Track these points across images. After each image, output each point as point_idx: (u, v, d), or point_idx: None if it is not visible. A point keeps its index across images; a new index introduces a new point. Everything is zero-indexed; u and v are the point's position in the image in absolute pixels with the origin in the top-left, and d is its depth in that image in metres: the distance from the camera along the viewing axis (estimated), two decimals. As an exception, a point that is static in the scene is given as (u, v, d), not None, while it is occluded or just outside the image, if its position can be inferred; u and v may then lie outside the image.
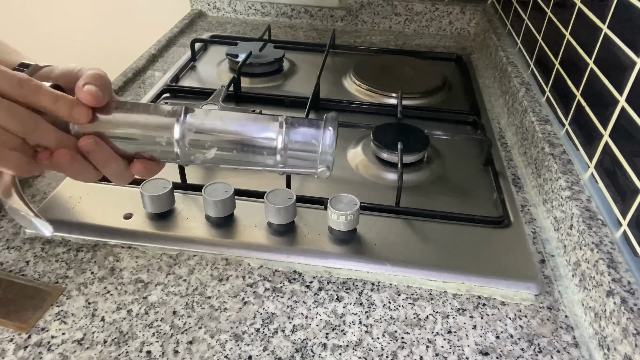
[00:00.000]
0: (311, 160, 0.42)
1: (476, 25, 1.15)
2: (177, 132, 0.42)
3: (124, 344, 0.44)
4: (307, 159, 0.42)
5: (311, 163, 0.43)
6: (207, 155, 0.43)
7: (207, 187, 0.55)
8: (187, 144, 0.42)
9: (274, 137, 0.42)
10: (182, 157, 0.43)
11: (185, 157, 0.43)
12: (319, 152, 0.42)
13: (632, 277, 0.45)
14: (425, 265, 0.52)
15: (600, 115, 0.56)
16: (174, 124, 0.42)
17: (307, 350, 0.44)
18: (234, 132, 0.43)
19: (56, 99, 0.37)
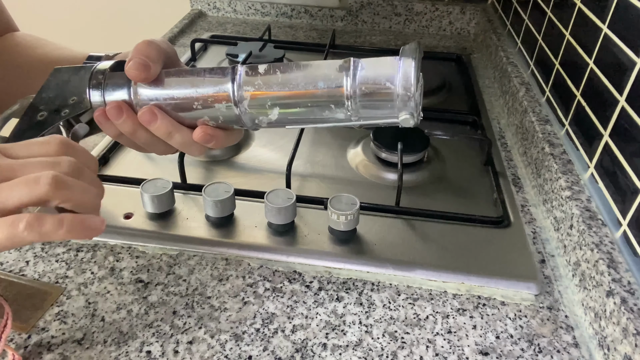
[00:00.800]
0: (388, 107, 0.36)
1: (476, 25, 1.15)
2: (233, 92, 0.38)
3: (124, 344, 0.44)
4: (383, 106, 0.36)
5: (389, 111, 0.36)
6: (271, 116, 0.39)
7: (207, 187, 0.55)
8: (247, 106, 0.39)
9: (339, 85, 0.36)
10: (246, 121, 0.40)
11: (250, 121, 0.40)
12: (396, 95, 0.35)
13: (632, 277, 0.45)
14: (425, 265, 0.52)
15: (600, 115, 0.56)
16: (228, 83, 0.38)
17: (307, 350, 0.44)
18: (293, 85, 0.37)
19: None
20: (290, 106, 0.38)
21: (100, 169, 0.65)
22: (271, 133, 0.74)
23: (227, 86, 0.39)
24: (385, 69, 0.35)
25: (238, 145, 0.71)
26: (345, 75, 0.35)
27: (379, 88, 0.35)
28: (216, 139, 0.42)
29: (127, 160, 0.67)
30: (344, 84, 0.35)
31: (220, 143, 0.42)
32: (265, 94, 0.38)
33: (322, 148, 0.71)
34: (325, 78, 0.36)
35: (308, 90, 0.37)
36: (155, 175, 0.57)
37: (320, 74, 0.37)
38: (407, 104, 0.35)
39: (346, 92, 0.35)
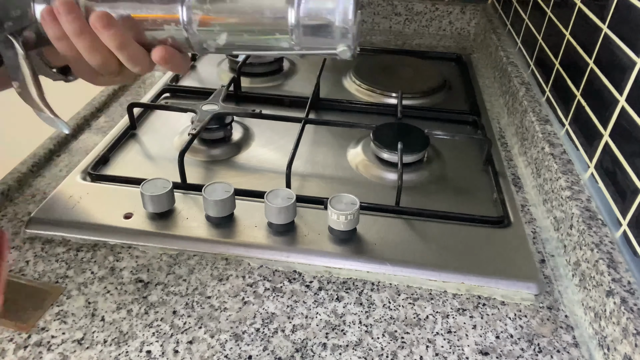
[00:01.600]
0: (328, 38, 0.39)
1: (476, 25, 1.15)
2: (182, 14, 0.40)
3: (124, 343, 0.44)
4: (324, 37, 0.39)
5: (329, 41, 0.39)
6: (219, 40, 0.41)
7: (207, 187, 0.55)
8: (196, 30, 0.41)
9: (284, 15, 0.39)
10: (194, 44, 0.42)
11: (198, 44, 0.42)
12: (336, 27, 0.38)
13: (632, 277, 0.45)
14: (425, 265, 0.52)
15: (600, 115, 0.56)
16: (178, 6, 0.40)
17: (307, 350, 0.44)
18: (241, 12, 0.40)
19: None
20: (237, 32, 0.40)
21: (100, 169, 0.65)
22: (271, 133, 0.74)
23: (176, 8, 0.40)
24: (326, 3, 0.38)
25: (238, 145, 0.71)
26: (290, 7, 0.38)
27: (321, 20, 0.39)
28: (174, 61, 0.42)
29: (127, 160, 0.67)
30: (289, 15, 0.38)
31: (175, 66, 0.43)
32: (214, 19, 0.40)
33: (322, 148, 0.71)
34: (271, 8, 0.39)
35: (255, 18, 0.39)
36: (155, 175, 0.57)
37: (267, 3, 0.39)
38: (345, 35, 0.39)
39: (290, 22, 0.39)
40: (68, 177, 0.63)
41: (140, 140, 0.71)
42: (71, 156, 0.68)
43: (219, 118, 0.69)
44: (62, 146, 0.70)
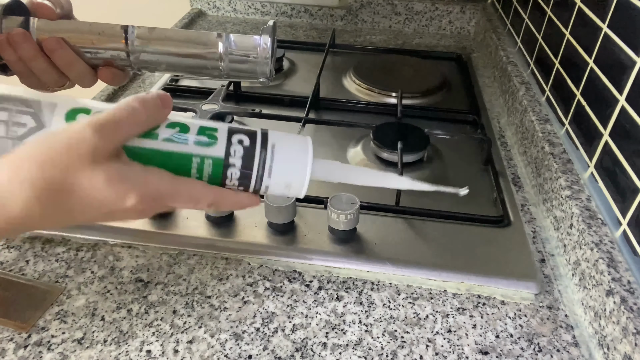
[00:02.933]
0: (251, 70, 0.48)
1: (476, 25, 1.15)
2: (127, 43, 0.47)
3: (124, 343, 0.44)
4: (247, 70, 0.48)
5: (251, 74, 0.48)
6: (158, 67, 0.49)
7: (207, 186, 0.55)
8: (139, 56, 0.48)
9: (215, 46, 0.47)
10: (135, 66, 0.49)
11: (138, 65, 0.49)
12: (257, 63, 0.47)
13: (631, 277, 0.45)
14: (425, 265, 0.52)
15: (600, 115, 0.56)
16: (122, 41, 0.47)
17: (307, 349, 0.44)
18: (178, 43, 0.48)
19: None
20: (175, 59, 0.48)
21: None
22: (271, 132, 0.74)
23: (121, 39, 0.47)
24: (249, 40, 0.47)
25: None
26: (220, 40, 0.46)
27: (245, 56, 0.47)
28: (117, 79, 0.50)
29: (127, 160, 0.67)
30: (219, 46, 0.47)
31: (117, 82, 0.50)
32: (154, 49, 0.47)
33: (322, 147, 0.71)
34: (205, 40, 0.47)
35: (190, 48, 0.47)
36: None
37: (201, 36, 0.47)
38: (264, 69, 0.47)
39: (220, 51, 0.47)
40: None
41: (140, 140, 0.71)
42: (71, 156, 0.68)
43: (218, 117, 0.69)
44: (62, 146, 0.69)
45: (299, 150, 0.38)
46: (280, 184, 0.37)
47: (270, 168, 0.37)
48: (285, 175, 0.37)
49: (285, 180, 0.37)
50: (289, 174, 0.37)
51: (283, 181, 0.37)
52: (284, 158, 0.37)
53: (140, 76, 0.89)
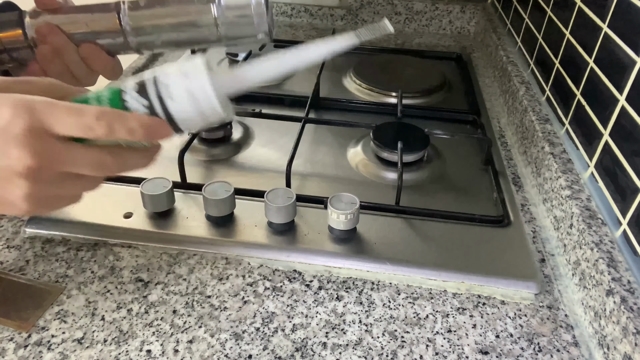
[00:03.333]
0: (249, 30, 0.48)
1: (476, 25, 1.15)
2: (120, 23, 0.48)
3: (124, 343, 0.44)
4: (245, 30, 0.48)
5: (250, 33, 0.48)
6: (156, 42, 0.49)
7: (207, 186, 0.55)
8: (133, 34, 0.48)
9: (209, 10, 0.47)
10: (133, 47, 0.49)
11: (136, 46, 0.50)
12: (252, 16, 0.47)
13: (632, 277, 0.45)
14: (425, 265, 0.52)
15: (600, 115, 0.56)
16: (115, 17, 0.48)
17: (307, 349, 0.44)
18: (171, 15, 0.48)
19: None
20: (170, 32, 0.48)
21: (100, 168, 0.65)
22: (271, 132, 0.74)
23: (114, 20, 0.48)
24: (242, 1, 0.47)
25: (238, 144, 0.71)
26: (212, 3, 0.46)
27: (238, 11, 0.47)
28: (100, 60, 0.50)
29: (127, 160, 0.67)
30: (212, 10, 0.47)
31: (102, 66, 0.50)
32: (148, 24, 0.48)
33: (322, 147, 0.71)
34: (196, 7, 0.47)
35: (184, 18, 0.47)
36: (155, 174, 0.57)
37: (193, 8, 0.47)
38: (262, 25, 0.47)
39: (214, 15, 0.47)
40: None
41: (140, 140, 0.71)
42: (71, 155, 0.68)
43: (218, 117, 0.69)
44: (62, 145, 0.70)
45: (191, 71, 0.38)
46: (187, 106, 0.37)
47: (167, 87, 0.37)
48: (189, 98, 0.37)
49: (192, 103, 0.37)
50: (191, 95, 0.37)
51: (189, 104, 0.37)
52: (179, 82, 0.37)
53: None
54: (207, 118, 0.38)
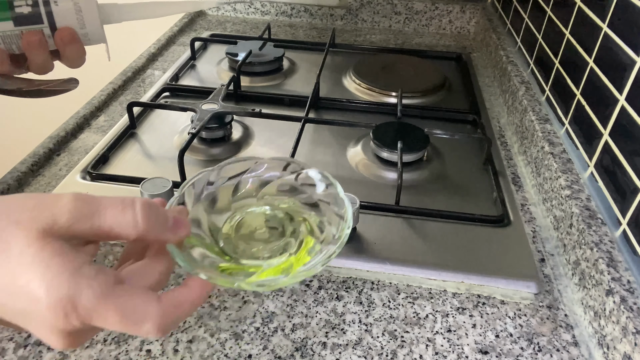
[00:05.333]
0: None
1: (476, 24, 1.15)
2: None
3: (124, 342, 0.44)
4: None
5: None
6: None
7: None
8: None
9: None
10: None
11: None
12: None
13: (631, 276, 0.45)
14: (425, 264, 0.52)
15: (600, 114, 0.56)
16: None
17: (306, 349, 0.44)
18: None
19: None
20: None
21: (100, 168, 0.65)
22: (271, 132, 0.74)
23: None
24: None
25: (238, 144, 0.71)
26: None
27: None
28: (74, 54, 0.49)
29: (126, 160, 0.67)
30: None
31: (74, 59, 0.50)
32: None
33: (321, 147, 0.71)
34: None
35: None
36: (154, 174, 0.57)
37: None
38: None
39: None
40: (68, 177, 0.63)
41: (140, 140, 0.71)
42: (71, 155, 0.68)
43: (218, 117, 0.69)
44: (61, 145, 0.70)
45: None
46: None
47: None
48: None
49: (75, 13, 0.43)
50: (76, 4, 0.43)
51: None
52: None
53: (140, 75, 0.89)
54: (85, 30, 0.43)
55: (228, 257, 0.34)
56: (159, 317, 0.28)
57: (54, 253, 0.26)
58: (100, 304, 0.26)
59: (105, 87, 0.83)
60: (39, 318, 0.26)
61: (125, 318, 0.27)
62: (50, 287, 0.25)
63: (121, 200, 0.29)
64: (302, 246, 0.35)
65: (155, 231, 0.29)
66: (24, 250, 0.26)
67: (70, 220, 0.27)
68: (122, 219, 0.28)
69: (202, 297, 0.31)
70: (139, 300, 0.28)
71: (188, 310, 0.30)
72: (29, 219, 0.26)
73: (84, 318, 0.26)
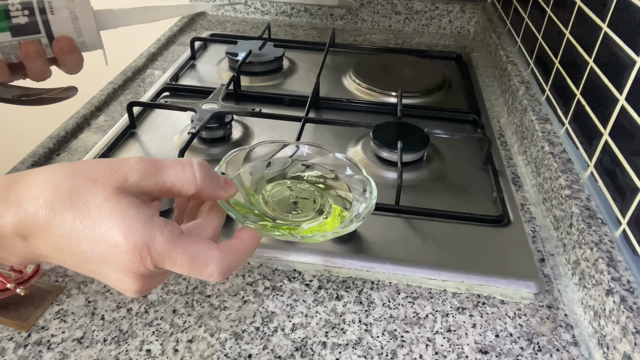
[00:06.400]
0: None
1: (476, 24, 1.15)
2: None
3: (124, 342, 0.44)
4: None
5: None
6: None
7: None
8: None
9: None
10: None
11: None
12: None
13: (631, 276, 0.45)
14: (424, 264, 0.52)
15: (600, 114, 0.56)
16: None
17: (306, 348, 0.44)
18: None
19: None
20: None
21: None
22: (271, 132, 0.74)
23: None
24: None
25: (238, 144, 0.71)
26: None
27: None
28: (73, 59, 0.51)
29: (126, 159, 0.67)
30: None
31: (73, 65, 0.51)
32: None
33: (321, 147, 0.71)
34: None
35: None
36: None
37: None
38: None
39: None
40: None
41: (140, 139, 0.71)
42: (71, 155, 0.68)
43: (218, 117, 0.69)
44: (61, 145, 0.70)
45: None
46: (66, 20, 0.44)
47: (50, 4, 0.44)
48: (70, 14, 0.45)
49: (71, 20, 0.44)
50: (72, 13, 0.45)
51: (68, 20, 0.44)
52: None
53: (140, 74, 0.89)
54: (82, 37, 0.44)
55: (267, 219, 0.39)
56: (220, 261, 0.31)
57: (128, 205, 0.29)
58: (171, 248, 0.30)
59: (105, 87, 0.83)
60: (118, 262, 0.29)
61: (192, 260, 0.30)
62: (128, 234, 0.29)
63: (180, 161, 0.33)
64: (332, 212, 0.40)
65: (210, 188, 0.33)
66: (102, 204, 0.29)
67: (139, 178, 0.30)
68: (183, 176, 0.32)
69: (252, 246, 0.35)
70: (202, 246, 0.31)
71: (242, 258, 0.34)
72: (104, 177, 0.30)
73: (156, 261, 0.29)
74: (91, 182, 0.29)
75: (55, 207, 0.29)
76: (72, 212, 0.28)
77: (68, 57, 0.49)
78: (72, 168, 0.30)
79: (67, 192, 0.29)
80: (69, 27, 0.47)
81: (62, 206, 0.29)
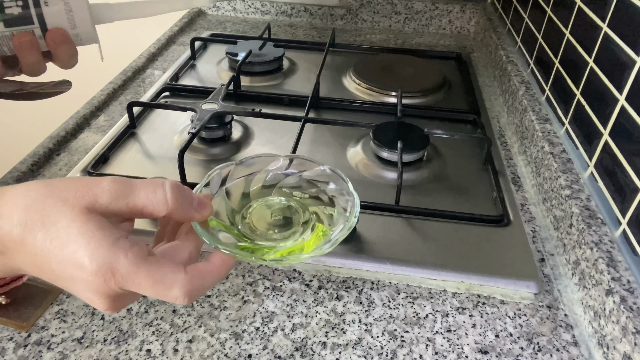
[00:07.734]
0: None
1: (476, 24, 1.15)
2: None
3: (124, 342, 0.44)
4: None
5: None
6: None
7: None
8: None
9: None
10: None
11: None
12: None
13: (631, 276, 0.45)
14: (424, 264, 0.52)
15: (600, 114, 0.56)
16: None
17: (306, 348, 0.44)
18: None
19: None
20: None
21: (100, 168, 0.65)
22: (271, 132, 0.74)
23: None
24: None
25: (238, 144, 0.71)
26: None
27: None
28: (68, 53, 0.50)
29: (126, 159, 0.67)
30: None
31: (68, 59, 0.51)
32: None
33: (321, 147, 0.71)
34: None
35: None
36: (154, 173, 0.57)
37: None
38: None
39: None
40: (68, 176, 0.63)
41: (140, 139, 0.71)
42: (71, 155, 0.68)
43: (218, 117, 0.69)
44: (61, 145, 0.70)
45: None
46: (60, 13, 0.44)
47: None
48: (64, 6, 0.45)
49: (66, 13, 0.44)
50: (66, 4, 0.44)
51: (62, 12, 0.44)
52: None
53: (140, 74, 0.89)
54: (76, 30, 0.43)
55: (246, 239, 0.38)
56: (184, 284, 0.31)
57: (95, 227, 0.29)
58: (135, 271, 0.30)
59: (105, 86, 0.83)
60: (84, 283, 0.30)
61: (155, 284, 0.30)
62: (92, 256, 0.29)
63: (153, 182, 0.33)
64: (313, 231, 0.38)
65: (182, 209, 0.33)
66: (70, 224, 0.29)
67: (109, 199, 0.30)
68: (154, 197, 0.32)
69: (223, 269, 0.34)
70: (167, 269, 0.31)
71: (210, 281, 0.33)
72: (75, 198, 0.30)
73: (121, 283, 0.30)
74: (62, 202, 0.29)
75: (28, 225, 0.29)
76: (43, 232, 0.29)
77: (61, 49, 0.49)
78: (47, 187, 0.30)
79: (39, 211, 0.29)
80: (63, 19, 0.47)
81: (34, 225, 0.29)
